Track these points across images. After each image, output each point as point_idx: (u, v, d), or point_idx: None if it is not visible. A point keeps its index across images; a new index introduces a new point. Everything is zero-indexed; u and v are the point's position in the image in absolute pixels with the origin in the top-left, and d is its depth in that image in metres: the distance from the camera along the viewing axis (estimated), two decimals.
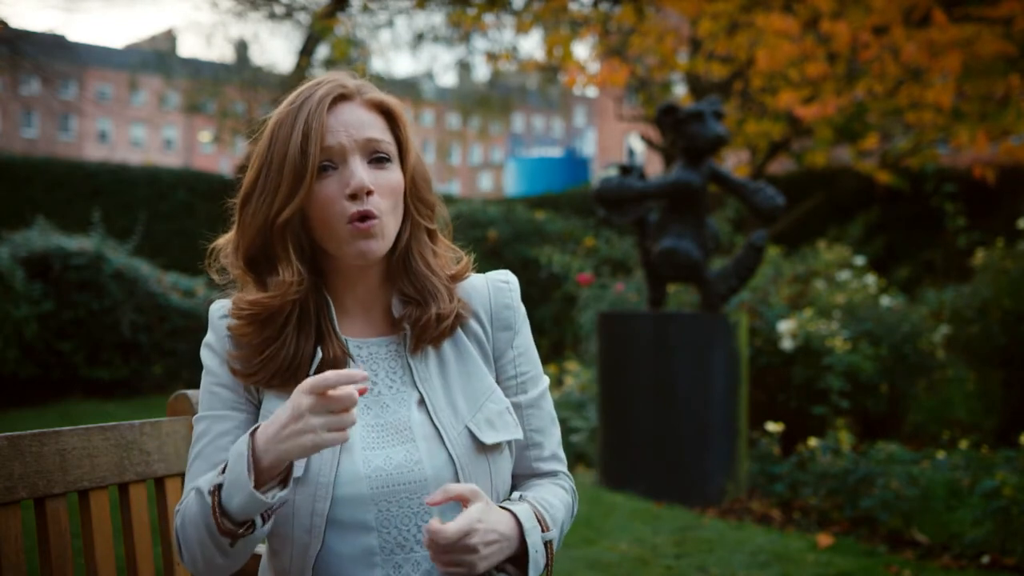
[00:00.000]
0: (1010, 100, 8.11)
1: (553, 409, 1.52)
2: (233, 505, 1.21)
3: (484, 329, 1.45)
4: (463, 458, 1.35)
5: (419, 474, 1.33)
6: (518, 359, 1.47)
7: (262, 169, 1.36)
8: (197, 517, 1.26)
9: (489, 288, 1.47)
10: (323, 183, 1.34)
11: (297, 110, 1.35)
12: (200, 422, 1.39)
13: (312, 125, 1.33)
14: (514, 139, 62.56)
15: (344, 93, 1.38)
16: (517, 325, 1.47)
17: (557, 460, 1.51)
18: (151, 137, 55.66)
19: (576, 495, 1.54)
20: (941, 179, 9.07)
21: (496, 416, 1.40)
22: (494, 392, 1.42)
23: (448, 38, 15.11)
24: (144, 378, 7.94)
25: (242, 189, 1.39)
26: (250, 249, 1.38)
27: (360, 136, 1.35)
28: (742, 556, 3.87)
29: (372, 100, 1.40)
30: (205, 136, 45.74)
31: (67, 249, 7.56)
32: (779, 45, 7.60)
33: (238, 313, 1.37)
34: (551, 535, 1.37)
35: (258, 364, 1.36)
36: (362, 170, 1.33)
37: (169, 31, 39.37)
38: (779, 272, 6.48)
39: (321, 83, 1.38)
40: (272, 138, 1.36)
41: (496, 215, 10.44)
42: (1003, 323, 5.71)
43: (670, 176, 4.98)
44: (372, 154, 1.36)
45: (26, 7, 24.40)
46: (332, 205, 1.33)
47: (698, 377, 4.89)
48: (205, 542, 1.26)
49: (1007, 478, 3.85)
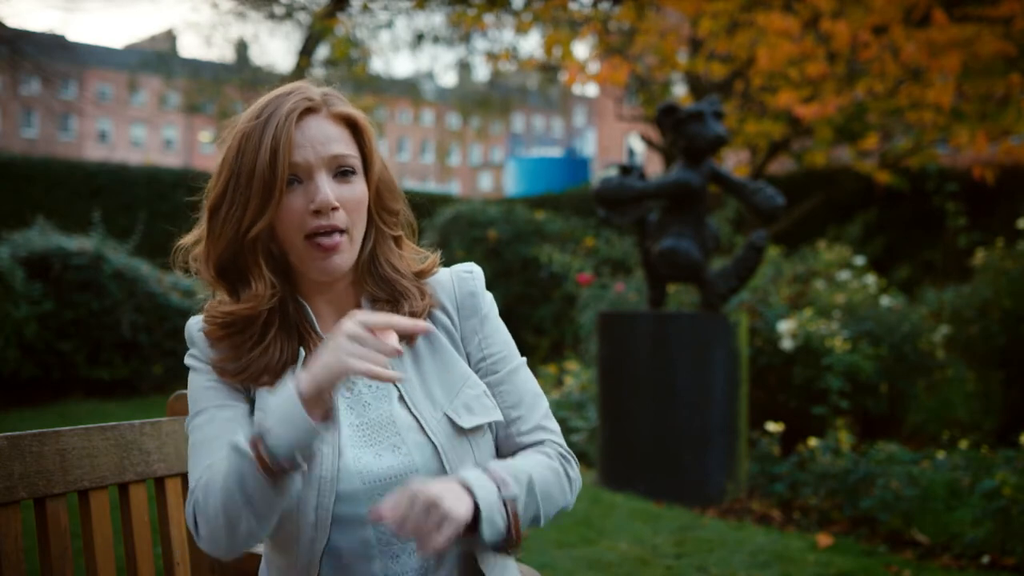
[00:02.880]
0: (1010, 100, 8.12)
1: (534, 384, 1.51)
2: (283, 444, 1.22)
3: (451, 319, 1.49)
4: (445, 444, 1.39)
5: (408, 465, 1.37)
6: (484, 341, 1.49)
7: (230, 180, 1.38)
8: (228, 475, 1.26)
9: (453, 279, 1.51)
10: (289, 197, 1.37)
11: (264, 124, 1.37)
12: (199, 414, 1.39)
13: (280, 140, 1.35)
14: (514, 139, 62.56)
15: (311, 107, 1.39)
16: (483, 311, 1.50)
17: (542, 430, 1.48)
18: (151, 137, 55.65)
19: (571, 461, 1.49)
20: (941, 179, 9.07)
21: (473, 400, 1.43)
22: (469, 378, 1.45)
23: (448, 38, 15.12)
24: (144, 378, 7.94)
25: (211, 197, 1.41)
26: (220, 259, 1.41)
27: (326, 152, 1.38)
28: (742, 556, 3.87)
29: (338, 113, 1.42)
30: (205, 136, 45.79)
31: (67, 249, 7.55)
32: (779, 44, 7.61)
33: (212, 320, 1.41)
34: (512, 492, 1.32)
35: (244, 364, 1.39)
36: (327, 186, 1.36)
37: (169, 31, 39.34)
38: (779, 272, 6.48)
39: (288, 95, 1.40)
40: (240, 150, 1.38)
41: (496, 215, 10.43)
42: (1003, 323, 5.71)
43: (670, 176, 4.98)
44: (337, 169, 1.39)
45: (26, 7, 24.42)
46: (295, 219, 1.36)
47: (698, 377, 4.89)
48: (233, 501, 1.25)
49: (1007, 478, 3.85)
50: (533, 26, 10.52)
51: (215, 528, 1.29)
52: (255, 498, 1.25)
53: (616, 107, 12.66)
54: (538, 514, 1.39)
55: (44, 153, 24.59)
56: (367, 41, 14.99)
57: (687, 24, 9.37)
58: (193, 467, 1.37)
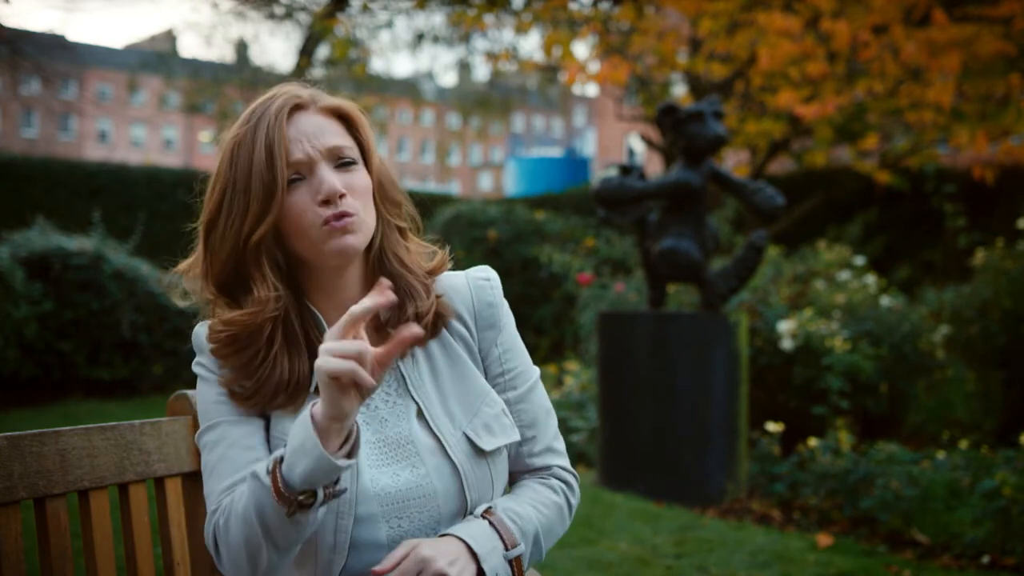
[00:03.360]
0: (1010, 100, 8.12)
1: (546, 400, 1.50)
2: (296, 473, 1.16)
3: (469, 329, 1.45)
4: (465, 465, 1.35)
5: (428, 488, 1.34)
6: (504, 356, 1.46)
7: (226, 192, 1.34)
8: (248, 505, 1.22)
9: (470, 287, 1.47)
10: (294, 195, 1.32)
11: (255, 127, 1.33)
12: (211, 430, 1.36)
13: (274, 139, 1.31)
14: (514, 139, 62.55)
15: (299, 103, 1.36)
16: (501, 322, 1.47)
17: (551, 453, 1.48)
18: (151, 137, 55.65)
19: (573, 488, 1.49)
20: (941, 179, 9.07)
21: (493, 420, 1.40)
22: (488, 395, 1.42)
23: (448, 38, 15.13)
24: (144, 378, 7.94)
25: (205, 214, 1.37)
26: (221, 274, 1.36)
27: (323, 145, 1.34)
28: (742, 556, 3.87)
29: (328, 107, 1.39)
30: (205, 136, 45.75)
31: (67, 249, 7.56)
32: (779, 44, 7.61)
33: (216, 337, 1.36)
34: (518, 551, 1.32)
35: (252, 387, 1.34)
36: (331, 176, 1.32)
37: (169, 31, 39.30)
38: (779, 272, 6.48)
39: (274, 97, 1.37)
40: (232, 159, 1.34)
41: (496, 215, 10.43)
42: (1003, 323, 5.71)
43: (670, 176, 4.98)
44: (337, 160, 1.35)
45: (26, 7, 24.40)
46: (305, 214, 1.32)
47: (698, 377, 4.89)
48: (253, 532, 1.22)
49: (1007, 478, 3.85)
50: (533, 26, 10.52)
51: (237, 559, 1.27)
52: (274, 530, 1.21)
53: (616, 107, 12.66)
54: (540, 557, 1.39)
55: (44, 153, 24.58)
56: (367, 41, 15.01)
57: (687, 24, 9.37)
58: (211, 490, 1.33)
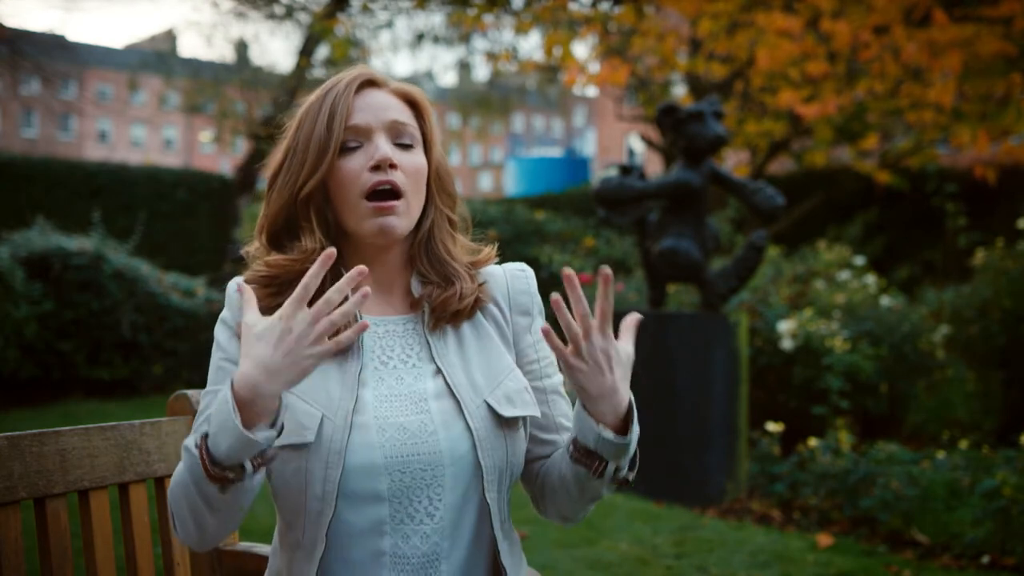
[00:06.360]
0: (1010, 100, 8.11)
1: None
2: (221, 451, 1.17)
3: (503, 313, 1.46)
4: (481, 431, 1.34)
5: (433, 445, 1.32)
6: (538, 344, 1.47)
7: (288, 152, 1.40)
8: (185, 475, 1.23)
9: (506, 275, 1.49)
10: (348, 159, 1.37)
11: (323, 96, 1.39)
12: (206, 396, 1.37)
13: (338, 106, 1.37)
14: (514, 139, 62.57)
15: (371, 80, 1.42)
16: (535, 311, 1.49)
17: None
18: (151, 137, 55.65)
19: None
20: (941, 179, 9.07)
21: (515, 393, 1.39)
22: (513, 371, 1.42)
23: (448, 38, 15.12)
24: (144, 378, 7.93)
25: (269, 170, 1.42)
26: (274, 225, 1.40)
27: (386, 118, 1.39)
28: (742, 556, 3.87)
29: (398, 89, 1.44)
30: (205, 136, 45.73)
31: (67, 249, 7.55)
32: (779, 44, 7.60)
33: (254, 275, 1.37)
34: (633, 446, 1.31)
35: None
36: (387, 145, 1.37)
37: (169, 31, 39.31)
38: (779, 272, 6.48)
39: (348, 73, 1.42)
40: (299, 124, 1.40)
41: (496, 215, 10.43)
42: (1003, 323, 5.71)
43: (670, 176, 4.98)
44: (397, 136, 1.39)
45: (26, 7, 24.41)
46: (355, 178, 1.36)
47: (698, 377, 4.88)
48: (194, 500, 1.23)
49: (1007, 478, 3.85)
50: (533, 26, 10.51)
51: (185, 524, 1.27)
52: (213, 500, 1.22)
53: (616, 107, 12.66)
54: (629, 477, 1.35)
55: (44, 153, 24.61)
56: (367, 41, 14.99)
57: (687, 25, 9.37)
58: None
